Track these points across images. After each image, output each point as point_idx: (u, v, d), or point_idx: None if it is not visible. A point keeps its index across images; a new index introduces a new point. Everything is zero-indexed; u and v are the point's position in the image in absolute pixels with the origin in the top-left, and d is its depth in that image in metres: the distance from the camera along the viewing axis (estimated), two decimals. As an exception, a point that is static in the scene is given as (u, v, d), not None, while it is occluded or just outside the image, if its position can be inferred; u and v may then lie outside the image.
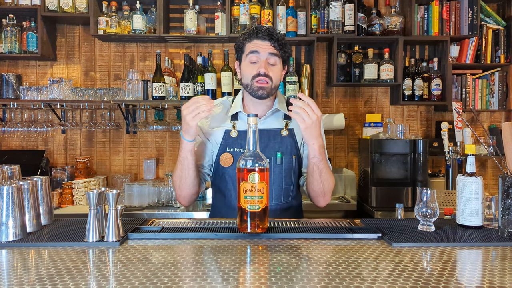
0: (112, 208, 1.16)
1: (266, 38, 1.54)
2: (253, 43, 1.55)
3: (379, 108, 3.32)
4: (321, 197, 1.61)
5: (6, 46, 2.97)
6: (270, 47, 1.54)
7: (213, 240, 1.21)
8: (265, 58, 1.54)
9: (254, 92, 1.55)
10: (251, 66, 1.55)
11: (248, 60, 1.56)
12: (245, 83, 1.58)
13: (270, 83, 1.54)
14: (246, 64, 1.57)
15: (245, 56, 1.57)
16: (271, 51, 1.54)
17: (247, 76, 1.56)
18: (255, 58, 1.55)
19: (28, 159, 2.93)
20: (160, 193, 2.85)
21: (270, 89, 1.55)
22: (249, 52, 1.55)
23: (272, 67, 1.56)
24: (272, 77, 1.54)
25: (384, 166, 2.71)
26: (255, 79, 1.53)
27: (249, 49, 1.55)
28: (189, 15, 2.93)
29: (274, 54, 1.55)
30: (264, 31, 1.55)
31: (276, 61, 1.56)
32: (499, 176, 1.26)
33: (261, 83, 1.53)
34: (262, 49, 1.54)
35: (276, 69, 1.57)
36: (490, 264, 1.03)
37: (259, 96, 1.55)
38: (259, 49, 1.54)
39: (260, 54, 1.54)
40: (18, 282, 0.88)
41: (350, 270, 0.95)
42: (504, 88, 3.15)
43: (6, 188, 1.15)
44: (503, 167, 1.31)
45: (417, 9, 3.10)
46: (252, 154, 1.21)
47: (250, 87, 1.55)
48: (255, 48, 1.54)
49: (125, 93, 2.96)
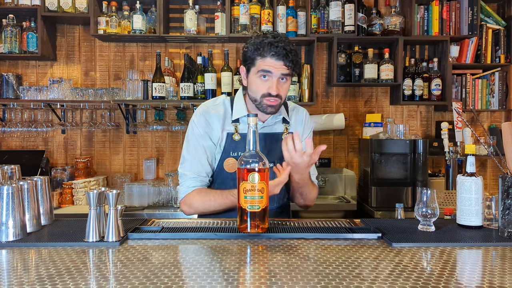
0: (112, 208, 1.16)
1: (280, 58, 1.47)
2: (266, 62, 1.48)
3: (379, 108, 3.32)
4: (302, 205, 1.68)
5: (6, 46, 2.97)
6: (283, 67, 1.48)
7: (213, 240, 1.21)
8: (277, 77, 1.50)
9: (263, 108, 1.53)
10: (261, 83, 1.50)
11: (258, 75, 1.51)
12: (253, 97, 1.54)
13: (279, 101, 1.53)
14: (256, 79, 1.52)
15: (256, 71, 1.51)
16: (284, 71, 1.49)
17: (257, 92, 1.52)
18: (267, 76, 1.50)
19: (28, 159, 2.93)
20: (160, 193, 2.85)
21: (279, 106, 1.55)
22: (261, 70, 1.49)
23: (283, 84, 1.52)
24: (282, 95, 1.52)
25: (384, 166, 2.71)
26: (266, 98, 1.50)
27: (261, 67, 1.49)
28: (189, 15, 2.93)
29: (287, 74, 1.51)
30: (279, 51, 1.46)
31: (288, 79, 1.54)
32: (499, 176, 1.26)
33: (271, 102, 1.51)
34: (276, 70, 1.48)
35: (286, 85, 1.54)
36: (490, 264, 1.03)
37: (268, 113, 1.55)
38: (272, 69, 1.48)
39: (273, 74, 1.49)
40: (18, 282, 0.88)
41: (350, 270, 0.95)
42: (504, 88, 3.15)
43: (6, 188, 1.15)
44: (503, 167, 1.31)
45: (417, 9, 3.09)
46: (252, 154, 1.21)
47: (259, 103, 1.53)
48: (268, 68, 1.48)
49: (125, 93, 2.96)
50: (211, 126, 1.59)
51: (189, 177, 1.58)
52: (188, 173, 1.59)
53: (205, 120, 1.59)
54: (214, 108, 1.62)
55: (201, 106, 1.65)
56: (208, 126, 1.59)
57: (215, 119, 1.60)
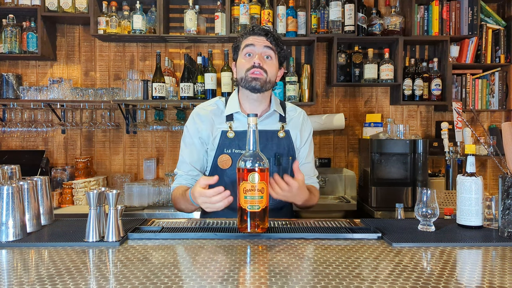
0: (112, 208, 1.16)
1: (261, 33, 1.56)
2: (249, 39, 1.57)
3: (379, 108, 3.32)
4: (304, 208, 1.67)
5: (6, 46, 2.97)
6: (265, 41, 1.56)
7: (213, 240, 1.21)
8: (260, 51, 1.55)
9: (248, 83, 1.53)
10: (246, 59, 1.56)
11: (243, 54, 1.57)
12: (240, 77, 1.57)
13: (265, 76, 1.53)
14: (242, 58, 1.58)
15: (241, 51, 1.59)
16: (265, 44, 1.55)
17: (242, 69, 1.56)
18: (250, 51, 1.55)
19: (28, 159, 2.93)
20: (160, 193, 2.85)
21: (264, 82, 1.53)
22: (245, 46, 1.56)
23: (268, 61, 1.56)
24: (267, 70, 1.53)
25: (384, 166, 2.71)
26: (250, 71, 1.53)
27: (245, 44, 1.57)
28: (189, 15, 2.94)
29: (269, 48, 1.56)
30: (260, 28, 1.58)
31: (272, 56, 1.57)
32: (499, 176, 1.26)
33: (256, 74, 1.52)
34: (257, 42, 1.55)
35: (271, 63, 1.57)
36: (490, 264, 1.03)
37: (252, 87, 1.52)
38: (254, 42, 1.55)
39: (256, 47, 1.55)
40: (18, 282, 0.88)
41: (350, 270, 0.95)
42: (504, 88, 3.15)
43: (6, 188, 1.15)
44: (503, 167, 1.31)
45: (417, 9, 3.10)
46: (252, 154, 1.21)
47: (244, 79, 1.54)
48: (251, 41, 1.56)
49: (125, 93, 2.96)
50: (200, 126, 1.64)
51: (178, 175, 1.67)
52: (179, 171, 1.68)
53: (193, 121, 1.66)
54: (205, 108, 1.68)
55: (195, 108, 1.72)
56: (197, 126, 1.65)
57: (205, 119, 1.65)
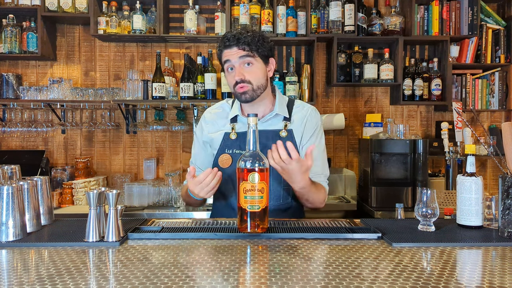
0: (112, 208, 1.16)
1: (232, 44, 1.54)
2: (224, 53, 1.58)
3: (379, 108, 3.32)
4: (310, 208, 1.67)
5: (6, 46, 2.97)
6: (238, 51, 1.54)
7: (213, 240, 1.21)
8: (237, 64, 1.55)
9: (239, 98, 1.59)
10: (230, 75, 1.59)
11: (226, 69, 1.60)
12: (232, 91, 1.63)
13: (250, 86, 1.55)
14: (226, 74, 1.61)
15: (224, 66, 1.61)
16: (240, 54, 1.54)
17: (230, 85, 1.61)
18: (230, 65, 1.58)
19: (28, 159, 2.93)
20: (160, 193, 2.85)
21: (252, 92, 1.56)
22: (224, 62, 1.59)
23: (248, 69, 1.55)
24: (250, 79, 1.55)
25: (384, 166, 2.71)
26: (236, 87, 1.56)
27: (223, 59, 1.59)
28: (189, 15, 2.93)
29: (244, 56, 1.54)
30: (230, 38, 1.54)
31: (251, 61, 1.55)
32: (499, 176, 1.26)
33: (241, 89, 1.55)
34: (232, 56, 1.55)
35: (253, 69, 1.55)
36: (490, 264, 1.03)
37: (243, 100, 1.59)
38: (230, 57, 1.56)
39: (232, 61, 1.55)
40: (18, 282, 0.88)
41: (350, 270, 0.95)
42: (504, 88, 3.15)
43: (6, 188, 1.15)
44: (503, 167, 1.31)
45: (417, 9, 3.09)
46: (252, 154, 1.21)
47: (235, 93, 1.60)
48: (226, 57, 1.57)
49: (125, 93, 2.96)
50: (205, 129, 1.72)
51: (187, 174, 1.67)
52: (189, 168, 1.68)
53: (200, 124, 1.75)
54: (211, 112, 1.76)
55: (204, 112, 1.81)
56: (203, 129, 1.72)
57: (210, 121, 1.73)
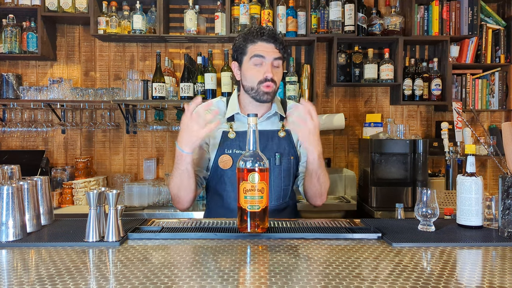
0: (112, 208, 1.16)
1: (270, 40, 1.52)
2: (257, 46, 1.52)
3: (379, 108, 3.32)
4: (318, 198, 1.63)
5: (6, 46, 2.97)
6: (275, 51, 1.53)
7: (213, 240, 1.21)
8: (270, 61, 1.52)
9: (260, 96, 1.54)
10: (256, 70, 1.53)
11: (252, 63, 1.53)
12: (249, 86, 1.55)
13: (274, 87, 1.54)
14: (250, 67, 1.54)
15: (248, 58, 1.54)
16: (276, 55, 1.53)
17: (253, 80, 1.53)
18: (260, 61, 1.52)
19: (28, 159, 2.93)
20: (160, 193, 2.85)
21: (274, 93, 1.56)
22: (254, 55, 1.52)
23: (276, 70, 1.55)
24: (276, 80, 1.54)
25: (384, 166, 2.71)
26: (263, 84, 1.51)
27: (253, 52, 1.52)
28: (189, 15, 2.93)
29: (279, 58, 1.54)
30: (268, 34, 1.52)
31: (280, 64, 1.56)
32: (499, 176, 1.26)
33: (268, 88, 1.52)
34: (267, 53, 1.52)
35: (279, 71, 1.57)
36: (490, 264, 1.03)
37: (264, 100, 1.55)
38: (264, 53, 1.51)
39: (266, 58, 1.52)
40: (18, 282, 0.88)
41: (350, 270, 0.95)
42: (504, 88, 3.15)
43: (6, 188, 1.15)
44: (503, 167, 1.31)
45: (417, 9, 3.09)
46: (252, 154, 1.21)
47: (256, 91, 1.54)
48: (260, 52, 1.51)
49: (125, 93, 2.96)
50: None
51: None
52: None
53: None
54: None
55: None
56: None
57: None
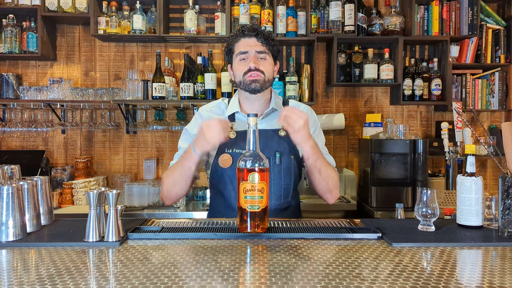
0: (112, 208, 1.16)
1: (252, 35, 1.57)
2: (240, 43, 1.59)
3: (379, 108, 3.32)
4: (328, 194, 1.64)
5: (6, 46, 2.97)
6: (257, 43, 1.57)
7: (213, 240, 1.21)
8: (253, 54, 1.57)
9: (247, 86, 1.57)
10: (242, 64, 1.58)
11: (238, 60, 1.59)
12: (238, 81, 1.61)
13: (263, 76, 1.56)
14: (237, 63, 1.60)
15: (235, 56, 1.60)
16: (258, 48, 1.57)
17: (239, 74, 1.59)
18: (244, 56, 1.58)
19: (28, 159, 2.93)
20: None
21: (263, 82, 1.57)
22: (239, 53, 1.59)
23: (263, 61, 1.58)
24: (263, 71, 1.56)
25: (384, 166, 2.71)
26: (247, 75, 1.56)
27: (238, 50, 1.59)
28: (189, 15, 2.93)
29: (262, 51, 1.58)
30: (249, 29, 1.58)
31: (266, 56, 1.59)
32: (499, 176, 1.26)
33: (253, 76, 1.55)
34: (250, 47, 1.57)
35: (266, 63, 1.59)
36: (490, 264, 1.03)
37: (252, 89, 1.57)
38: (247, 48, 1.57)
39: (249, 52, 1.57)
40: (18, 282, 0.88)
41: (350, 270, 0.95)
42: (504, 88, 3.15)
43: (6, 188, 1.15)
44: (503, 167, 1.31)
45: (417, 9, 3.09)
46: (252, 154, 1.21)
47: (243, 83, 1.58)
48: (243, 48, 1.58)
49: (125, 93, 2.96)
50: None
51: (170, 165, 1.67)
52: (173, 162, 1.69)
53: (195, 121, 1.71)
54: (206, 109, 1.73)
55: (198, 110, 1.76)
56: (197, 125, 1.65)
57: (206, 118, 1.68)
